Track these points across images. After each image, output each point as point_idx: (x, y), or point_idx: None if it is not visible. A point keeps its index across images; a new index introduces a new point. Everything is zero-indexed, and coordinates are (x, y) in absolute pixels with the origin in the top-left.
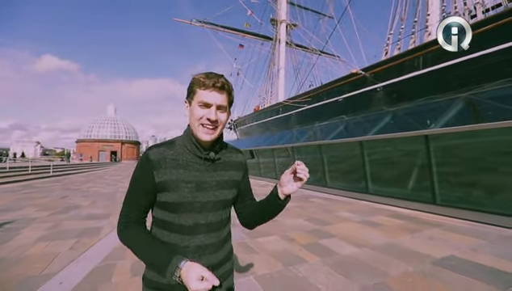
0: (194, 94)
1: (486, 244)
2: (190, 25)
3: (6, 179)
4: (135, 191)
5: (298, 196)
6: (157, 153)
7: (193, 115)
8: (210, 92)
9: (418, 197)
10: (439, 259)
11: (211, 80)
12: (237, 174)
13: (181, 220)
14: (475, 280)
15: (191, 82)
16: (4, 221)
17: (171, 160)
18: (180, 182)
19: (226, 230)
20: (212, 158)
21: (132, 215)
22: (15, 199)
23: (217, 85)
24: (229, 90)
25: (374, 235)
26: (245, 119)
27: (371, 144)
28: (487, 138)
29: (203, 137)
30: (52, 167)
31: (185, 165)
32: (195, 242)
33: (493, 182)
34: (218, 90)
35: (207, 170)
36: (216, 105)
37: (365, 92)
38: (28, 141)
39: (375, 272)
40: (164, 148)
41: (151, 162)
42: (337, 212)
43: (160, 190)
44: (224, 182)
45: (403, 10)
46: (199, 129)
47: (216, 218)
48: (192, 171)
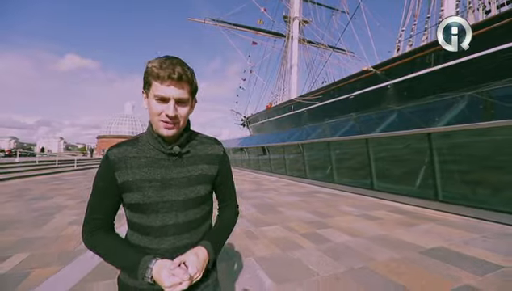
0: (149, 87)
1: (479, 238)
2: (204, 24)
3: (37, 171)
4: (98, 195)
5: (304, 192)
6: (117, 153)
7: (151, 109)
8: (167, 86)
9: (421, 194)
10: (428, 249)
11: (165, 71)
12: (211, 167)
13: (149, 221)
14: (455, 267)
15: (145, 72)
16: (39, 207)
17: (133, 158)
18: (143, 181)
19: (203, 230)
20: (177, 152)
21: (97, 220)
22: (47, 189)
23: (173, 76)
24: (189, 80)
25: (370, 227)
26: (257, 116)
27: (377, 141)
28: (490, 137)
29: (164, 133)
30: (76, 161)
31: (149, 162)
32: (164, 244)
33: (494, 180)
34: (175, 82)
35: (175, 166)
36: (173, 99)
37: (376, 89)
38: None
39: (363, 258)
40: (126, 146)
41: (111, 163)
42: (340, 207)
43: (124, 191)
44: (195, 177)
45: (416, 5)
46: (160, 125)
47: (189, 218)
48: (157, 169)
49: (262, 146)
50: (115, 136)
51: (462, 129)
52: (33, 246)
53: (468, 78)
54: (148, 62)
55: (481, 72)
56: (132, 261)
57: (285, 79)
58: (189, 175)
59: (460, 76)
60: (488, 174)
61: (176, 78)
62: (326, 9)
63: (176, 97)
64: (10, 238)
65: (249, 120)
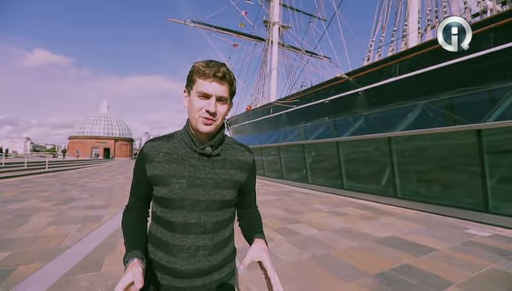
0: (193, 84)
1: (425, 228)
2: (185, 25)
3: (4, 173)
4: (135, 182)
5: (280, 191)
6: (151, 147)
7: (192, 105)
8: (210, 82)
9: (383, 191)
10: (382, 238)
11: (211, 69)
12: (240, 174)
13: (172, 216)
14: (400, 251)
15: (191, 71)
16: (14, 209)
17: (165, 154)
18: (171, 177)
19: (225, 233)
20: (208, 153)
21: (132, 203)
22: (19, 192)
23: (218, 75)
24: (231, 81)
25: (336, 222)
26: (237, 118)
27: (346, 144)
28: (440, 141)
29: (202, 129)
30: (47, 163)
31: (179, 159)
32: (185, 241)
33: (442, 179)
34: (219, 80)
35: (204, 167)
36: (215, 96)
37: (348, 95)
38: (17, 137)
39: (326, 247)
40: (160, 141)
41: (144, 156)
42: (312, 205)
43: (153, 183)
44: (222, 181)
45: (384, 19)
46: (199, 121)
47: (210, 219)
48: (186, 166)
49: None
50: (88, 136)
51: (416, 134)
52: (14, 245)
53: (424, 87)
54: (194, 62)
55: (435, 83)
56: (126, 248)
57: (265, 82)
58: (216, 178)
59: (419, 86)
60: (437, 174)
61: (220, 76)
62: (305, 15)
63: (218, 94)
64: None
65: (229, 122)
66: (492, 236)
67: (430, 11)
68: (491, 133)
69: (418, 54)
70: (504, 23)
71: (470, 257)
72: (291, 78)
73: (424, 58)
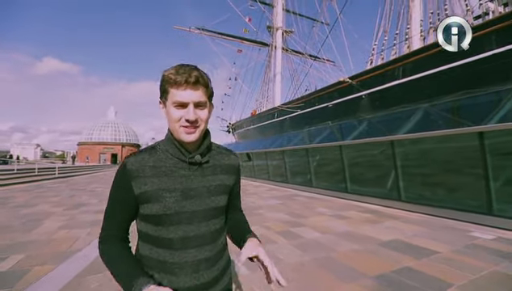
0: (167, 94)
1: (428, 231)
2: (190, 32)
3: (16, 179)
4: (114, 205)
5: (285, 195)
6: (135, 162)
7: (170, 116)
8: (184, 90)
9: (387, 195)
10: (385, 241)
11: (182, 76)
12: (229, 178)
13: (168, 233)
14: (401, 254)
15: (161, 80)
16: (26, 214)
17: (152, 168)
18: (163, 191)
19: (222, 241)
20: (199, 161)
21: (111, 230)
22: (31, 197)
23: (190, 80)
24: (205, 83)
25: (339, 225)
26: (242, 122)
27: (349, 148)
28: (442, 144)
29: (186, 139)
30: (57, 169)
31: (168, 172)
32: (186, 257)
33: (446, 182)
34: (192, 86)
35: (195, 176)
36: (193, 103)
37: (352, 99)
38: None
39: (327, 249)
40: (144, 155)
41: (128, 173)
42: (316, 209)
43: (141, 202)
44: (215, 187)
45: (387, 22)
46: (180, 131)
47: (210, 228)
48: (177, 178)
49: (247, 153)
50: (97, 142)
51: (419, 137)
52: (27, 248)
53: (427, 90)
54: (164, 71)
55: (438, 85)
56: (127, 279)
57: (269, 87)
58: (209, 185)
59: (422, 88)
60: (441, 176)
61: (193, 81)
62: (308, 20)
63: (195, 100)
64: (4, 241)
65: (234, 127)
66: (496, 239)
67: (432, 14)
68: (493, 135)
69: (421, 57)
70: (506, 25)
71: (472, 259)
72: (295, 82)
73: (426, 61)
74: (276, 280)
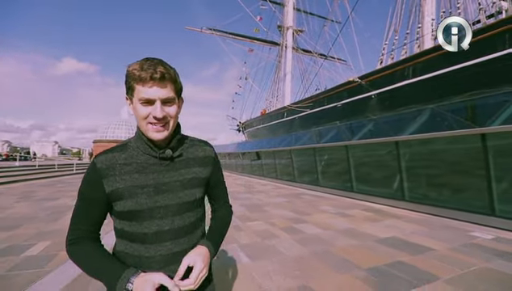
0: (132, 91)
1: (427, 230)
2: (201, 32)
3: (38, 175)
4: (83, 204)
5: (291, 194)
6: (106, 160)
7: (137, 114)
8: (150, 87)
9: (391, 194)
10: (383, 238)
11: (147, 72)
12: (204, 170)
13: (143, 228)
14: (396, 250)
15: (126, 76)
16: (50, 207)
17: (123, 165)
18: (135, 188)
19: (199, 232)
20: (170, 155)
21: (81, 230)
22: (52, 191)
23: (156, 76)
24: (172, 78)
25: (341, 223)
26: (252, 121)
27: (355, 148)
28: (446, 146)
29: (155, 137)
30: (75, 165)
31: (140, 168)
32: (161, 250)
33: (449, 182)
34: (158, 82)
35: (167, 170)
36: (159, 100)
37: (361, 99)
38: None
39: (326, 244)
40: (114, 153)
41: (98, 171)
42: (320, 207)
43: (113, 199)
44: (189, 181)
45: (397, 22)
46: (149, 128)
47: (185, 222)
48: (149, 174)
49: (256, 151)
50: (111, 140)
51: (423, 138)
52: (53, 236)
53: (437, 90)
54: (128, 66)
55: (448, 85)
56: (113, 273)
57: (279, 86)
58: (182, 179)
59: (432, 88)
60: (444, 177)
61: (159, 77)
62: (319, 19)
63: (161, 97)
64: (32, 230)
65: (245, 126)
66: (495, 238)
67: (444, 13)
68: (496, 137)
69: (431, 57)
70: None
71: (465, 257)
72: (305, 81)
73: (436, 61)
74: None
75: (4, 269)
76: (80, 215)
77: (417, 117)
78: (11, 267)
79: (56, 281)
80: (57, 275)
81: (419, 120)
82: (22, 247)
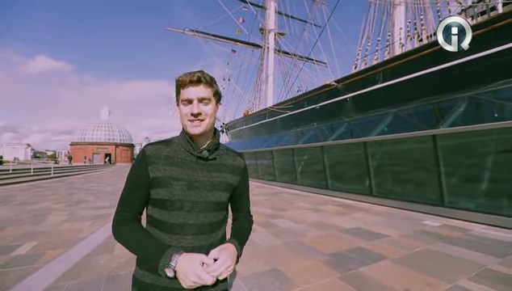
0: (179, 95)
1: (387, 221)
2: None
3: (12, 179)
4: (131, 188)
5: (271, 192)
6: (153, 150)
7: (180, 113)
8: (188, 88)
9: (361, 190)
10: (347, 228)
11: (187, 77)
12: (233, 177)
13: (170, 218)
14: (357, 238)
15: (175, 85)
16: (31, 210)
17: (166, 157)
18: (171, 179)
19: (219, 234)
20: (206, 156)
21: (126, 212)
22: (30, 195)
23: (193, 79)
24: (207, 82)
25: (313, 217)
26: (235, 122)
27: (329, 148)
28: (407, 145)
29: (192, 131)
30: (52, 169)
31: (179, 162)
32: (182, 242)
33: (410, 178)
34: (194, 84)
35: (201, 170)
36: (196, 98)
37: (338, 101)
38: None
39: (298, 235)
40: (160, 145)
41: (146, 158)
42: (296, 203)
43: (153, 186)
44: (218, 183)
45: (370, 29)
46: (188, 124)
47: (207, 220)
48: (185, 169)
49: (240, 152)
50: (90, 142)
51: (386, 139)
52: (39, 236)
53: (403, 95)
54: (176, 77)
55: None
56: (156, 249)
57: (261, 88)
58: (212, 180)
59: (398, 93)
60: (405, 174)
61: (195, 80)
62: (300, 22)
63: (198, 96)
64: (17, 232)
65: (228, 127)
66: (441, 226)
67: (410, 23)
68: (445, 138)
69: (399, 63)
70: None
71: (413, 241)
72: (287, 83)
73: (402, 68)
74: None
75: None
76: (127, 197)
77: (382, 120)
78: (1, 264)
79: (47, 276)
80: (47, 270)
81: (384, 122)
82: (10, 247)
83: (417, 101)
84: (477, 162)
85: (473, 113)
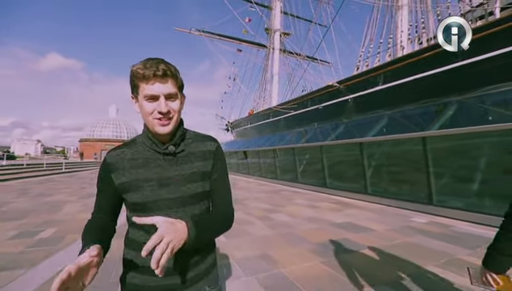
0: (138, 89)
1: (377, 217)
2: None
3: (27, 173)
4: (99, 195)
5: (272, 190)
6: (115, 156)
7: (143, 110)
8: (153, 84)
9: (357, 189)
10: (338, 223)
11: (150, 70)
12: (206, 164)
13: None
14: (345, 231)
15: (130, 76)
16: (48, 201)
17: (130, 160)
18: (140, 181)
19: None
20: (172, 151)
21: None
22: (45, 188)
23: (158, 73)
24: (173, 75)
25: (309, 213)
26: (240, 121)
27: (328, 148)
28: (403, 147)
29: (160, 131)
30: (64, 165)
31: (145, 163)
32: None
33: (403, 178)
34: (160, 78)
35: (170, 165)
36: (163, 95)
37: (339, 102)
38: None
39: (292, 228)
40: (124, 149)
41: (108, 166)
42: (295, 200)
43: (122, 192)
44: (191, 175)
45: (373, 31)
46: (155, 123)
47: (187, 214)
48: (153, 169)
49: (242, 151)
50: (98, 139)
51: (381, 140)
52: (57, 224)
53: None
54: (131, 66)
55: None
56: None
57: (266, 88)
58: (183, 173)
59: (396, 95)
60: (398, 174)
61: (161, 74)
62: (306, 22)
63: (165, 93)
64: (37, 220)
65: (233, 125)
66: (428, 222)
67: (411, 26)
68: (434, 141)
69: (398, 66)
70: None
71: (396, 234)
72: (291, 83)
73: (400, 71)
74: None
75: (24, 246)
76: (98, 205)
77: (378, 121)
78: (29, 245)
79: (69, 256)
80: (68, 251)
81: (380, 123)
82: (34, 232)
83: (413, 104)
84: (463, 164)
85: (462, 116)
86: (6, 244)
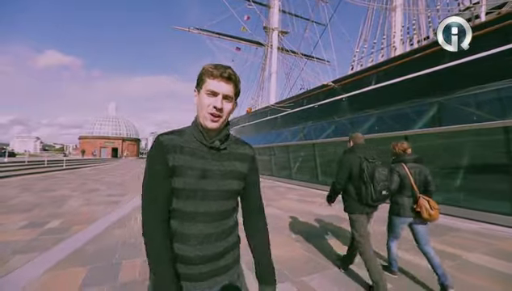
0: (203, 84)
1: None
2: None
3: (28, 170)
4: (155, 178)
5: (267, 186)
6: (169, 140)
7: (201, 103)
8: (218, 82)
9: None
10: (324, 215)
11: (219, 70)
12: (242, 165)
13: (184, 207)
14: (328, 222)
15: (201, 72)
16: (51, 196)
17: (180, 147)
18: (186, 168)
19: (230, 222)
20: (217, 146)
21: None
22: (48, 184)
23: (224, 75)
24: (236, 82)
25: (298, 206)
26: (239, 119)
27: (320, 146)
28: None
29: (209, 125)
30: (65, 162)
31: (192, 152)
32: (193, 230)
33: None
34: (225, 80)
35: (213, 159)
36: (222, 94)
37: (334, 101)
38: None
39: (279, 219)
40: (174, 135)
41: (164, 147)
42: (287, 195)
43: (171, 175)
44: (229, 172)
45: (367, 32)
46: (206, 117)
47: (218, 208)
48: (198, 159)
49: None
50: (98, 136)
51: (368, 138)
52: (63, 216)
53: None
54: (204, 65)
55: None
56: (165, 287)
57: (264, 86)
58: (223, 169)
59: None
60: None
61: (226, 76)
62: (304, 21)
63: (224, 92)
64: (43, 213)
65: (231, 123)
66: None
67: (403, 27)
68: (416, 139)
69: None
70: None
71: (375, 225)
72: (290, 81)
73: (393, 70)
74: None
75: (36, 234)
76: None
77: (367, 120)
78: (39, 233)
79: (76, 242)
80: (75, 239)
81: (369, 122)
82: (42, 223)
83: (402, 103)
84: (443, 161)
85: (445, 115)
86: (18, 233)
